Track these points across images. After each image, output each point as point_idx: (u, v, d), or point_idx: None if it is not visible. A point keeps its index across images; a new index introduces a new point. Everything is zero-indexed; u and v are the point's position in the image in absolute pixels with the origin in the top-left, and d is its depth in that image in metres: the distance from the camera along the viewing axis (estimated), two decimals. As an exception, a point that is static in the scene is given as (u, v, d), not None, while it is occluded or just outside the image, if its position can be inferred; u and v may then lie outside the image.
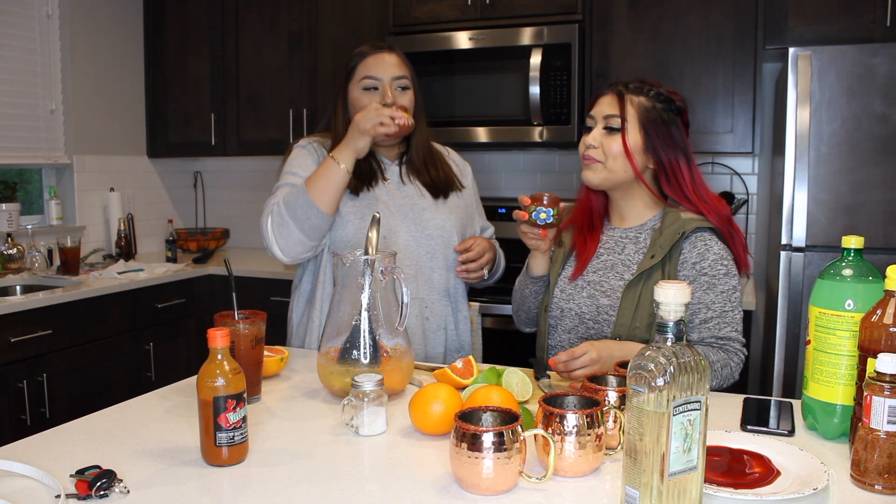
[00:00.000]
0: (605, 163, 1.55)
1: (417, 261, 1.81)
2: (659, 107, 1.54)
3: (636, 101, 1.55)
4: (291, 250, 1.73)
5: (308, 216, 1.68)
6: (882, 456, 1.00)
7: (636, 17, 2.94)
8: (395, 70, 1.79)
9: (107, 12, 3.68)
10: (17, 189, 3.43)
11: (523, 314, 1.78)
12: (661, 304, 0.87)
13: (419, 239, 1.81)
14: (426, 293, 1.83)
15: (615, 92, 1.57)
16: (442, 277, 1.84)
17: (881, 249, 2.32)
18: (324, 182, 1.68)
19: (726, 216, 1.55)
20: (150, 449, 1.16)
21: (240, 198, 4.19)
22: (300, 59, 3.54)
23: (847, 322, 1.15)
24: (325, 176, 1.68)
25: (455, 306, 1.89)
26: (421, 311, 1.82)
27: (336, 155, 1.68)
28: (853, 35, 2.54)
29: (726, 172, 3.22)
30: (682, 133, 1.57)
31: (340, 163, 1.67)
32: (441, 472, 1.08)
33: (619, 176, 1.56)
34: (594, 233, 1.65)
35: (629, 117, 1.54)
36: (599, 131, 1.56)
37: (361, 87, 1.79)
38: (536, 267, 1.68)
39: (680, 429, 0.85)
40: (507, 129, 3.06)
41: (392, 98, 1.76)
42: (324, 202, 1.67)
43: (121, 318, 3.04)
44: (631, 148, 1.53)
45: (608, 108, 1.56)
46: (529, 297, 1.73)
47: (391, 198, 1.82)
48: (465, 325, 1.92)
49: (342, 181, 1.68)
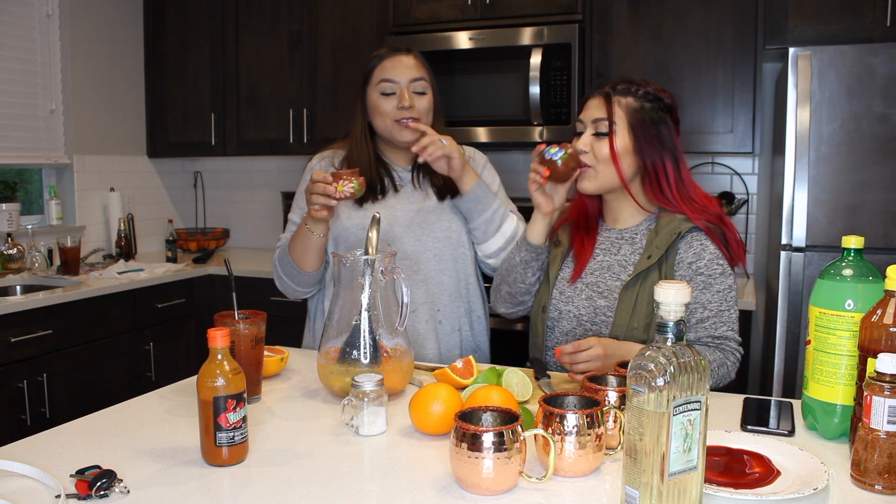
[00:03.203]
0: (597, 167, 1.54)
1: (426, 265, 1.80)
2: (647, 106, 1.53)
3: (624, 102, 1.53)
4: (293, 294, 1.84)
5: (294, 274, 1.76)
6: (882, 456, 1.00)
7: (636, 17, 2.94)
8: (413, 72, 1.77)
9: (107, 12, 3.68)
10: (17, 189, 3.43)
11: (505, 288, 1.71)
12: (661, 305, 0.87)
13: (425, 243, 1.80)
14: (437, 296, 1.81)
15: (602, 94, 1.55)
16: (452, 279, 1.83)
17: (881, 249, 2.32)
18: (301, 248, 1.72)
19: (716, 214, 1.54)
20: (150, 449, 1.16)
21: (240, 198, 4.19)
22: (300, 59, 3.54)
23: (847, 322, 1.15)
24: (301, 242, 1.71)
25: (469, 306, 1.87)
26: (433, 314, 1.81)
27: (307, 223, 1.67)
28: (853, 35, 2.54)
29: (726, 172, 3.21)
30: (671, 131, 1.55)
31: (313, 232, 1.67)
32: (441, 472, 1.08)
33: (610, 181, 1.55)
34: (590, 234, 1.65)
35: (618, 119, 1.53)
36: (589, 136, 1.55)
37: (379, 90, 1.77)
38: (533, 232, 1.63)
39: (680, 429, 0.85)
40: (507, 129, 3.06)
41: (409, 101, 1.75)
42: (305, 264, 1.74)
43: (121, 318, 3.04)
44: (620, 151, 1.52)
45: (596, 111, 1.55)
46: (518, 267, 1.66)
47: (398, 204, 1.81)
48: (479, 325, 1.90)
49: (319, 244, 1.70)
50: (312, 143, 3.52)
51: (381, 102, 1.77)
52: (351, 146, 1.84)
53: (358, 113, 1.84)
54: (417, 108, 1.77)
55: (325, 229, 1.68)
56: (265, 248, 4.08)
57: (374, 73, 1.79)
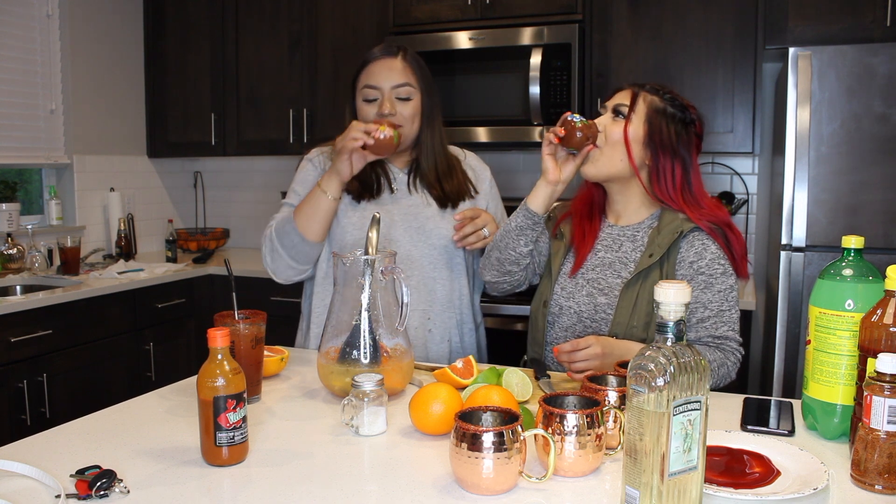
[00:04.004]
0: (603, 150, 1.55)
1: (420, 271, 1.79)
2: (670, 110, 1.56)
3: (649, 98, 1.57)
4: (283, 273, 1.79)
5: (295, 244, 1.71)
6: (882, 456, 1.00)
7: (636, 17, 2.94)
8: (397, 77, 1.73)
9: (107, 12, 3.68)
10: (17, 189, 3.43)
11: (495, 254, 1.68)
12: (662, 304, 0.87)
13: (422, 249, 1.79)
14: (428, 304, 1.80)
15: (631, 87, 1.60)
16: (445, 288, 1.82)
17: (881, 249, 2.32)
18: (310, 211, 1.68)
19: (724, 221, 1.55)
20: (150, 449, 1.16)
21: (240, 198, 4.19)
22: (300, 59, 3.54)
23: (847, 322, 1.15)
24: (311, 205, 1.68)
25: (461, 317, 1.86)
26: (423, 322, 1.80)
27: (322, 183, 1.66)
28: (853, 35, 2.54)
29: (726, 172, 3.22)
30: (688, 142, 1.57)
31: (327, 192, 1.65)
32: (441, 472, 1.08)
33: (615, 165, 1.56)
34: (593, 226, 1.65)
35: (637, 110, 1.56)
36: (608, 116, 1.58)
37: (362, 97, 1.76)
38: (535, 200, 1.59)
39: (680, 429, 0.85)
40: (507, 129, 3.06)
41: (390, 109, 1.71)
42: (310, 231, 1.69)
43: (121, 318, 3.04)
44: (631, 137, 1.54)
45: (621, 98, 1.59)
46: (512, 233, 1.63)
47: (396, 206, 1.80)
48: (470, 336, 1.88)
49: (329, 209, 1.67)
50: (312, 143, 3.48)
51: (364, 108, 1.76)
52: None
53: (347, 116, 1.82)
54: (401, 113, 1.73)
55: (339, 191, 1.66)
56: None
57: (359, 78, 1.77)
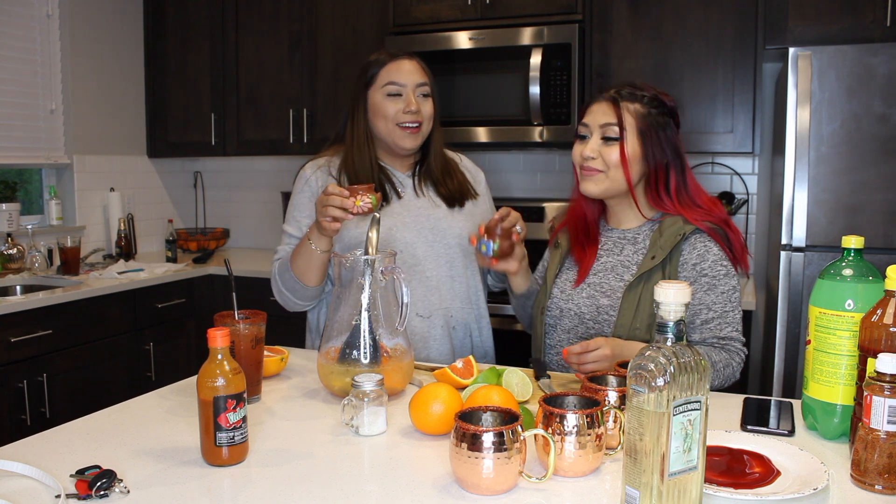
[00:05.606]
0: (607, 173, 1.54)
1: (438, 272, 1.79)
2: (654, 112, 1.54)
3: (632, 108, 1.53)
4: (291, 308, 1.81)
5: (296, 289, 1.74)
6: (882, 456, 1.00)
7: (636, 17, 2.94)
8: (418, 77, 1.78)
9: (107, 12, 3.68)
10: (17, 189, 3.43)
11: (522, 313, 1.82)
12: (662, 304, 0.87)
13: (438, 250, 1.80)
14: (450, 302, 1.81)
15: (610, 99, 1.54)
16: (463, 285, 1.83)
17: (881, 249, 2.32)
18: (303, 263, 1.69)
19: (721, 219, 1.55)
20: (150, 449, 1.16)
21: (240, 198, 4.19)
22: (300, 59, 3.54)
23: (847, 322, 1.15)
24: (304, 257, 1.68)
25: (478, 312, 1.88)
26: (447, 321, 1.80)
27: (311, 238, 1.64)
28: (853, 35, 2.54)
29: (726, 172, 3.22)
30: (675, 135, 1.56)
31: (316, 248, 1.64)
32: (441, 472, 1.08)
33: (618, 186, 1.55)
34: (592, 242, 1.64)
35: (627, 125, 1.52)
36: (597, 141, 1.54)
37: (385, 92, 1.76)
38: (516, 285, 1.72)
39: (680, 429, 0.85)
40: (507, 129, 3.06)
41: (416, 106, 1.75)
42: (307, 278, 1.71)
43: (121, 318, 3.04)
44: (630, 157, 1.52)
45: (604, 116, 1.54)
46: (517, 309, 1.81)
47: (406, 210, 1.80)
48: (486, 330, 1.91)
49: (321, 260, 1.67)
50: (312, 143, 3.52)
51: (387, 104, 1.75)
52: (348, 151, 1.80)
53: (359, 116, 1.80)
54: (423, 112, 1.76)
55: (329, 245, 1.64)
56: (265, 248, 4.08)
57: (379, 76, 1.77)
